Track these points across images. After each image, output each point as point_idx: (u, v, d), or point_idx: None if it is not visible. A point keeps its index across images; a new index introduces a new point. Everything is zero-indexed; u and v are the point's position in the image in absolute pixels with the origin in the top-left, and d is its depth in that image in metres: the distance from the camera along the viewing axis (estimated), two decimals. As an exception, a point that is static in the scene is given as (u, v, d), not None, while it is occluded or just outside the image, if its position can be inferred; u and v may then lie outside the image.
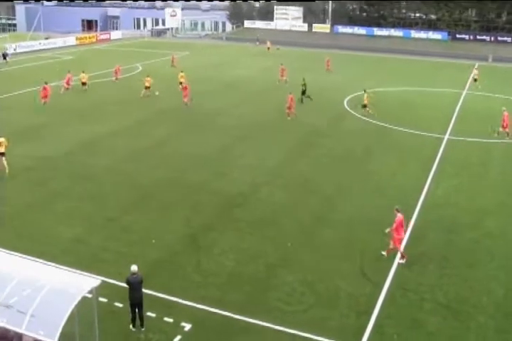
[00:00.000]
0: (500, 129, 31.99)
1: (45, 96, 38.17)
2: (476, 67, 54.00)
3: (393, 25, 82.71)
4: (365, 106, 36.57)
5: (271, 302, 15.74)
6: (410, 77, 50.57)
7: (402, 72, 52.11)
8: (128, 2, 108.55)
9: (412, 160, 28.17)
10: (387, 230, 18.11)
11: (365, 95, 37.08)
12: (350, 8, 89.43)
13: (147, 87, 41.31)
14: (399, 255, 18.15)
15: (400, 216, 17.95)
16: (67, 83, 42.45)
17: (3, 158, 25.09)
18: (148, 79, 41.57)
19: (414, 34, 78.71)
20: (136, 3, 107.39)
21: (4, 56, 54.21)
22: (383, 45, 73.47)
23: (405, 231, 18.77)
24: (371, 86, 46.25)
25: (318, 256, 18.39)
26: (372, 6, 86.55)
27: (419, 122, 35.11)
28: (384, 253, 18.35)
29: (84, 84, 43.05)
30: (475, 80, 48.57)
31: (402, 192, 23.81)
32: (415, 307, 15.66)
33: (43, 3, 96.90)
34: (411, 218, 21.18)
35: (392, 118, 35.99)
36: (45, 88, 38.38)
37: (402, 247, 18.28)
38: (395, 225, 17.85)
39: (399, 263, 17.93)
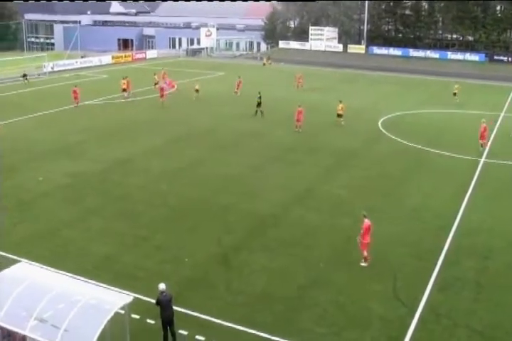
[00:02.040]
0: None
1: (76, 98, 43.68)
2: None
3: (429, 47, 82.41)
4: (340, 115, 38.90)
5: (302, 323, 15.67)
6: (446, 99, 50.13)
7: (437, 94, 51.73)
8: (163, 22, 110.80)
9: (447, 183, 27.83)
10: (357, 238, 18.95)
11: (340, 105, 39.10)
12: (386, 29, 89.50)
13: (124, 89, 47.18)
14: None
15: (367, 221, 18.73)
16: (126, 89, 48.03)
17: None
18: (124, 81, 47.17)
19: (451, 55, 78.23)
20: (172, 23, 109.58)
21: (25, 76, 55.80)
22: (419, 67, 73.11)
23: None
24: (407, 107, 46.15)
25: (350, 278, 18.27)
26: (408, 27, 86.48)
27: (455, 144, 34.75)
28: (362, 264, 18.91)
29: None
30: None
31: (436, 216, 23.54)
32: (448, 333, 15.38)
33: (80, 23, 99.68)
34: (445, 242, 20.90)
35: (427, 140, 35.71)
36: (74, 91, 43.81)
37: (365, 252, 18.85)
38: (362, 231, 18.70)
39: (361, 266, 18.73)
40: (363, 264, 18.91)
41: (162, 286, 14.48)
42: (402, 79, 65.71)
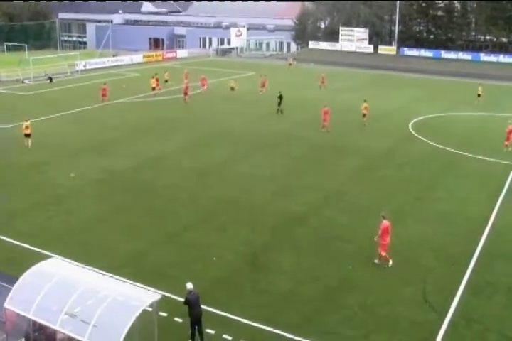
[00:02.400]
0: None
1: (104, 95, 44.80)
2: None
3: (462, 48, 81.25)
4: (363, 115, 38.94)
5: (329, 325, 15.55)
6: (477, 101, 49.26)
7: (469, 96, 50.90)
8: (193, 21, 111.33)
9: (478, 187, 27.38)
10: (375, 238, 18.85)
11: (364, 105, 39.11)
12: (417, 30, 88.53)
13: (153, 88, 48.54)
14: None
15: (385, 222, 18.68)
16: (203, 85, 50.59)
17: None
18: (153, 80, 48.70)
19: (484, 57, 76.97)
20: (203, 22, 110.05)
21: (51, 79, 56.62)
22: (451, 68, 72.12)
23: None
24: (438, 109, 45.56)
25: (379, 280, 18.08)
26: (440, 28, 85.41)
27: (487, 147, 34.17)
28: (376, 261, 18.96)
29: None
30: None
31: (468, 219, 23.18)
32: (479, 338, 15.12)
33: (112, 22, 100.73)
34: (477, 246, 20.56)
35: (458, 142, 35.20)
36: (103, 88, 45.09)
37: (384, 252, 18.76)
38: (380, 232, 18.63)
39: (383, 267, 18.72)
40: (376, 262, 19.01)
41: (190, 285, 14.51)
42: (433, 81, 64.91)
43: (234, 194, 25.64)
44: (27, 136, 32.19)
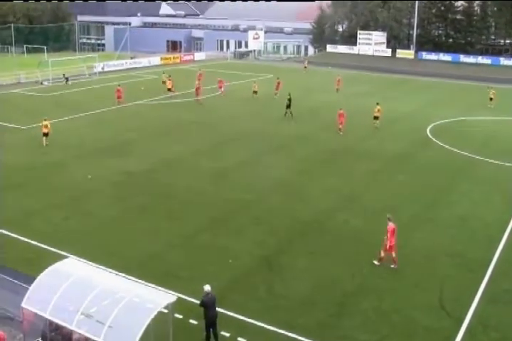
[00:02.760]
0: None
1: (119, 97, 44.79)
2: None
3: (481, 52, 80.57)
4: (376, 117, 39.12)
5: (344, 330, 15.48)
6: (498, 106, 48.86)
7: (488, 101, 50.39)
8: (211, 24, 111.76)
9: (496, 192, 27.09)
10: (383, 239, 18.93)
11: (377, 107, 39.19)
12: (436, 34, 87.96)
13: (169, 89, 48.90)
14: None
15: (391, 224, 18.80)
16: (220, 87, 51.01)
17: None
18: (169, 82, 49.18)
19: (504, 61, 76.22)
20: (220, 25, 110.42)
21: (66, 79, 57.08)
22: (469, 73, 71.47)
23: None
24: (456, 114, 45.21)
25: (395, 285, 17.97)
26: (459, 32, 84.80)
27: (504, 152, 33.84)
28: (375, 262, 19.10)
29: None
30: None
31: (485, 225, 22.95)
32: (496, 346, 14.97)
33: (130, 24, 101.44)
34: (495, 252, 20.36)
35: (476, 147, 34.91)
36: (118, 90, 45.04)
37: (394, 253, 18.90)
38: (388, 234, 18.72)
39: (392, 268, 18.84)
40: (375, 262, 19.12)
41: (207, 287, 14.53)
42: (451, 85, 64.46)
43: (250, 196, 25.65)
44: (45, 135, 32.74)
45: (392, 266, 18.99)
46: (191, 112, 43.68)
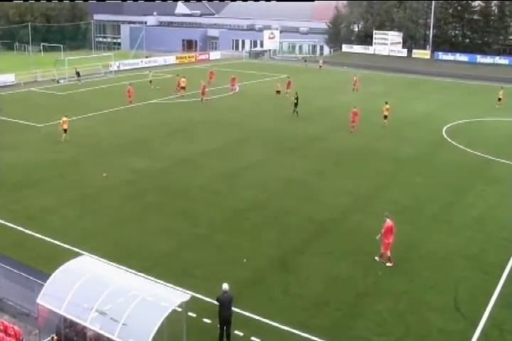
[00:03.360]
0: None
1: (130, 96, 44.91)
2: None
3: (498, 53, 79.83)
4: (385, 117, 39.33)
5: (358, 331, 15.41)
6: (506, 107, 48.35)
7: (505, 101, 49.95)
8: (226, 23, 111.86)
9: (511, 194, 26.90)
10: (377, 237, 19.09)
11: (386, 106, 39.33)
12: (453, 34, 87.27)
13: (183, 87, 48.41)
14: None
15: (389, 222, 18.86)
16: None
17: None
18: (184, 79, 48.47)
19: (521, 62, 75.53)
20: (236, 25, 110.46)
21: (78, 74, 57.26)
22: (486, 73, 70.84)
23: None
24: (472, 115, 44.86)
25: (409, 287, 17.85)
26: (475, 33, 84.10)
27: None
28: (377, 258, 19.23)
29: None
30: None
31: (501, 227, 22.73)
32: (512, 350, 14.82)
33: (146, 23, 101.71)
34: (511, 255, 20.16)
35: (492, 149, 34.58)
36: (128, 90, 45.22)
37: (389, 252, 18.93)
38: (383, 231, 18.83)
39: (388, 266, 18.88)
40: (388, 264, 18.98)
41: (225, 286, 14.52)
42: (468, 85, 63.97)
43: (263, 196, 25.61)
44: (65, 130, 33.51)
45: (388, 264, 18.97)
46: (204, 111, 43.69)
